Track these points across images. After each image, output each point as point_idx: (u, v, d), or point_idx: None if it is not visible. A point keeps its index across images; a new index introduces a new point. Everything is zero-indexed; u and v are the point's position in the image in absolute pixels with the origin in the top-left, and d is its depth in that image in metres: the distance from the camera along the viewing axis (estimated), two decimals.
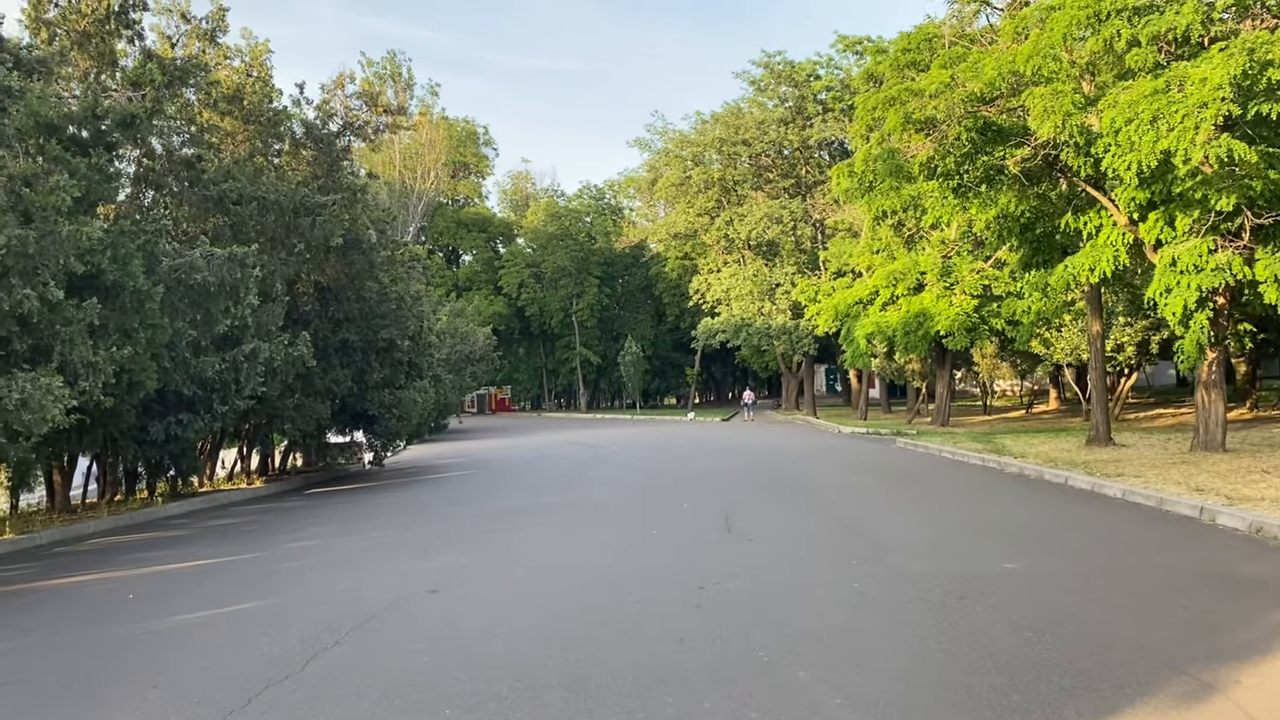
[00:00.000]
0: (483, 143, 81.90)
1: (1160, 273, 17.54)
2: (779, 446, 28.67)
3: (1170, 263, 17.45)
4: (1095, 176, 18.54)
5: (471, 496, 18.33)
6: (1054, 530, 11.78)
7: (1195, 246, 16.79)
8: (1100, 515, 12.67)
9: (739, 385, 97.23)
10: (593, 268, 74.14)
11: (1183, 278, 16.94)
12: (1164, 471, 16.13)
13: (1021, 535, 11.34)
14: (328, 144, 20.35)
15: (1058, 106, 14.61)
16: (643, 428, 47.25)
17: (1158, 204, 17.72)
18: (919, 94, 16.81)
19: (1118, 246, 18.66)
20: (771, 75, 54.51)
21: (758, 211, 52.27)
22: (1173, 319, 17.18)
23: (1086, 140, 17.53)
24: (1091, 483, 15.17)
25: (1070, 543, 10.85)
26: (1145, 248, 18.86)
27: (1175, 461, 17.65)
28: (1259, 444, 20.09)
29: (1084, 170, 17.75)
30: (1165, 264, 17.50)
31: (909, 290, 35.33)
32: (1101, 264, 18.54)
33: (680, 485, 18.19)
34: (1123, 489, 14.12)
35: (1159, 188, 17.50)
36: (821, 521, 12.89)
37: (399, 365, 22.66)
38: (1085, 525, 12.07)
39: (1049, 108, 14.68)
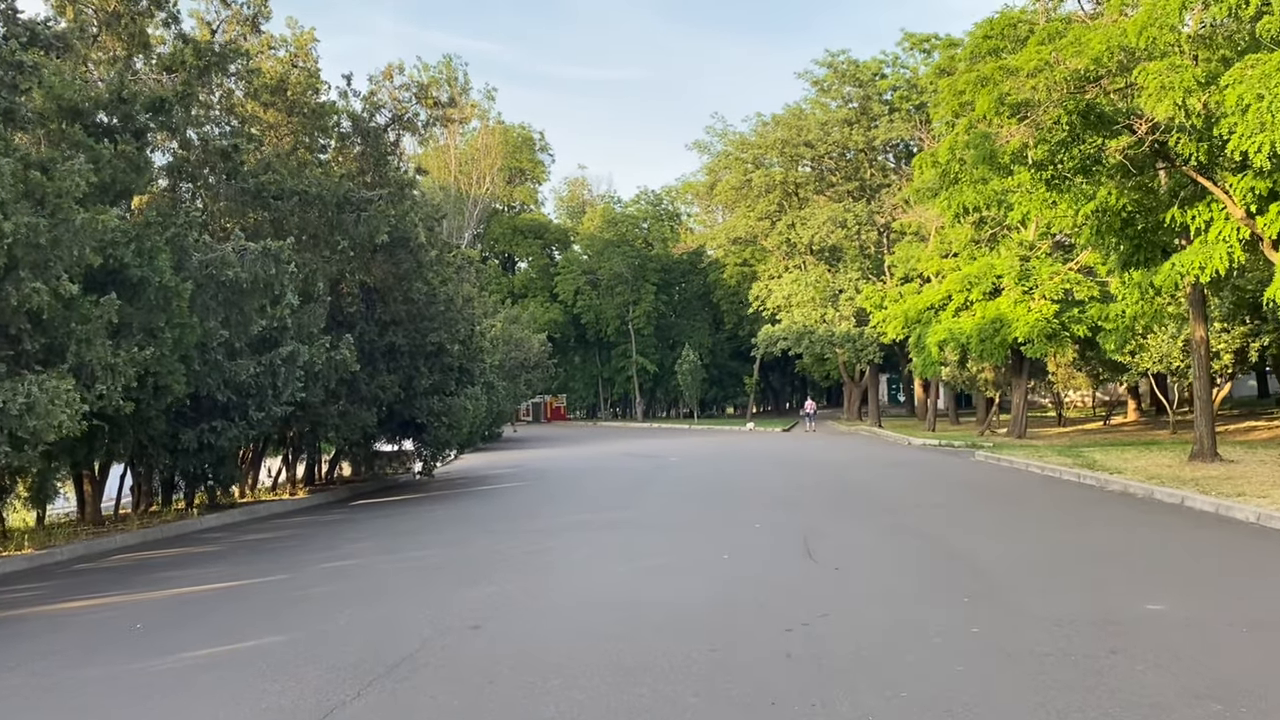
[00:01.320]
0: (539, 149, 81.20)
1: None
2: (848, 459, 27.10)
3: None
4: (1205, 165, 16.81)
5: (523, 511, 17.12)
6: (1188, 561, 10.19)
7: None
8: (1236, 542, 11.05)
9: (797, 395, 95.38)
10: (649, 274, 72.91)
11: None
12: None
13: (1153, 567, 9.77)
14: (375, 137, 19.36)
15: (1176, 83, 12.98)
16: (701, 438, 45.85)
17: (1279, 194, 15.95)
18: (1014, 73, 15.25)
19: (1231, 242, 16.89)
20: (835, 75, 52.88)
21: (821, 215, 50.62)
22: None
23: (1206, 122, 15.85)
24: (1214, 504, 13.46)
25: (1212, 576, 9.29)
26: (1263, 244, 17.07)
27: None
28: None
29: (1196, 157, 16.03)
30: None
31: (984, 295, 33.50)
32: (1214, 262, 16.77)
33: (748, 501, 16.79)
34: (1257, 512, 12.41)
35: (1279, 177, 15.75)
36: (912, 546, 11.42)
37: (449, 371, 21.57)
38: (1223, 555, 10.48)
39: (1166, 84, 13.06)
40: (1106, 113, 16.23)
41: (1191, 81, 13.08)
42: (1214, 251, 16.82)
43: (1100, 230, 17.85)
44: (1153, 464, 20.48)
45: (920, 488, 18.55)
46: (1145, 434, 35.35)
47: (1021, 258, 33.33)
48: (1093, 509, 14.42)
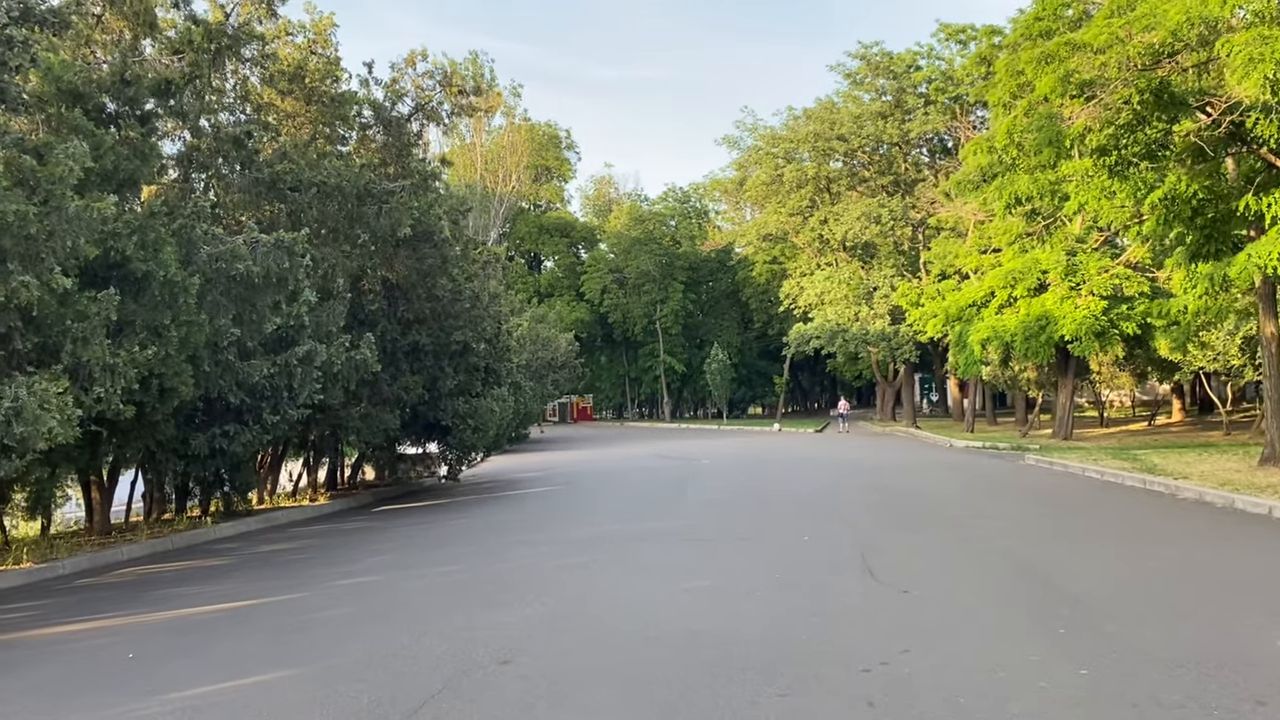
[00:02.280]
0: (565, 146, 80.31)
1: None
2: (889, 462, 25.97)
3: None
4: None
5: (554, 519, 16.18)
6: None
7: None
8: None
9: (827, 395, 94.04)
10: (677, 273, 71.88)
11: None
12: None
13: (1269, 591, 8.66)
14: (397, 127, 18.48)
15: (1267, 54, 11.82)
16: (731, 439, 44.79)
17: None
18: (1080, 49, 14.11)
19: None
20: (868, 67, 51.60)
21: (854, 210, 49.39)
22: None
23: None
24: None
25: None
26: None
27: None
28: None
29: (1277, 139, 14.83)
30: None
31: (1029, 291, 32.23)
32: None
33: (793, 509, 15.76)
34: None
35: None
36: (983, 564, 10.35)
37: (474, 371, 20.66)
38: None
39: (1254, 56, 11.90)
40: (1178, 93, 15.06)
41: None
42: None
43: (1168, 219, 16.66)
44: (1219, 469, 19.26)
45: (974, 494, 17.44)
46: (1196, 435, 33.95)
47: (1068, 252, 32.03)
48: (1172, 521, 13.28)
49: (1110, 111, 14.57)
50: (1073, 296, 31.02)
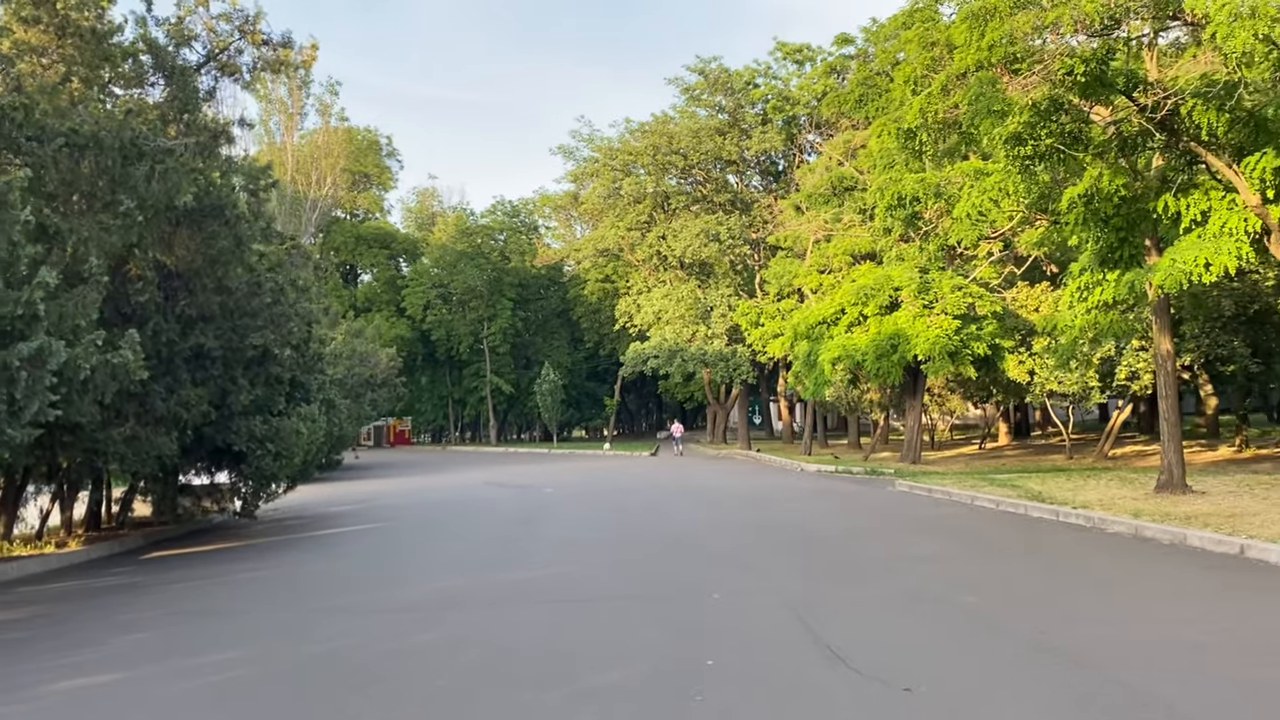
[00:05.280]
0: (386, 154, 75.69)
1: None
2: (752, 490, 23.67)
3: None
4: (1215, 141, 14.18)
5: (376, 573, 12.76)
6: None
7: None
8: None
9: (655, 416, 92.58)
10: (506, 289, 68.50)
11: None
12: None
13: None
14: (182, 77, 14.70)
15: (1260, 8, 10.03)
16: (566, 463, 41.76)
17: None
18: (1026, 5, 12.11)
19: (1239, 235, 14.30)
20: (706, 83, 50.10)
21: (693, 227, 47.59)
22: None
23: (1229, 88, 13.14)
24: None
25: None
26: (1272, 236, 14.57)
27: None
28: None
29: (1219, 129, 13.31)
30: None
31: (881, 309, 30.89)
32: (1221, 257, 14.14)
33: (676, 551, 12.98)
34: None
35: None
36: (974, 634, 7.83)
37: (277, 384, 16.88)
38: None
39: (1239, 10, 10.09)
40: (1110, 73, 13.33)
41: (1272, 10, 10.17)
42: (1221, 246, 14.18)
43: (1087, 219, 14.98)
44: (1113, 496, 17.82)
45: (877, 529, 15.18)
46: (1039, 459, 33.53)
47: (921, 269, 30.93)
48: (1139, 564, 11.25)
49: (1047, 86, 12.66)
50: (925, 315, 29.86)
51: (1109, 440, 32.22)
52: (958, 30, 13.02)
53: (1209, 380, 32.24)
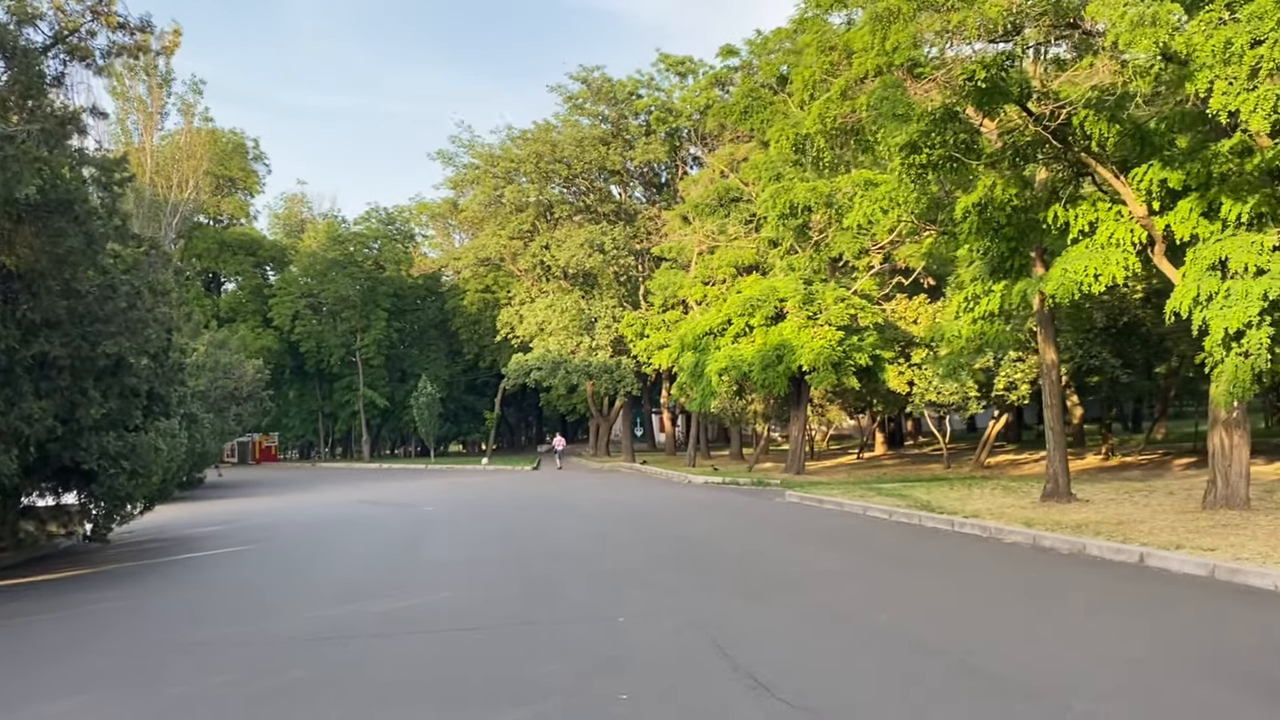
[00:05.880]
0: (253, 158, 72.44)
1: (1195, 277, 13.47)
2: (643, 503, 23.13)
3: (1213, 265, 13.41)
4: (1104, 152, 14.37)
5: (243, 602, 11.66)
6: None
7: (1255, 242, 12.77)
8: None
9: (535, 430, 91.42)
10: (380, 299, 66.40)
11: (1236, 283, 12.89)
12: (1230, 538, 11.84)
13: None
14: (25, 59, 13.29)
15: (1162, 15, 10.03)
16: (445, 479, 40.45)
17: (1192, 189, 13.70)
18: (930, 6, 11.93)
19: (1125, 245, 14.55)
20: (590, 92, 49.68)
21: (577, 237, 46.98)
22: (1216, 338, 13.06)
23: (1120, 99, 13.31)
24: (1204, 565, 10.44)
25: None
26: (1154, 250, 14.85)
27: (1220, 524, 13.47)
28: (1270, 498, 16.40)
29: (1110, 140, 13.45)
30: (1204, 267, 13.44)
31: (767, 320, 30.90)
32: (1110, 268, 14.37)
33: (573, 570, 12.29)
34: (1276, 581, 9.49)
35: (1195, 168, 13.49)
36: (897, 656, 7.41)
37: (133, 396, 15.44)
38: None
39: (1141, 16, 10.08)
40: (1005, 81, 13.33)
41: (1172, 18, 10.21)
42: (1110, 256, 14.38)
43: (980, 229, 15.00)
44: (1001, 505, 17.99)
45: (777, 543, 14.82)
46: (918, 468, 34.13)
47: (805, 281, 31.07)
48: (1039, 574, 11.14)
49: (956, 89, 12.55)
50: (810, 326, 30.00)
51: (984, 449, 33.01)
52: (859, 34, 12.83)
53: (1075, 390, 33.32)
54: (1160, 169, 13.60)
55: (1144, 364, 28.99)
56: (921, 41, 12.25)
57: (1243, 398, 13.38)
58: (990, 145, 14.90)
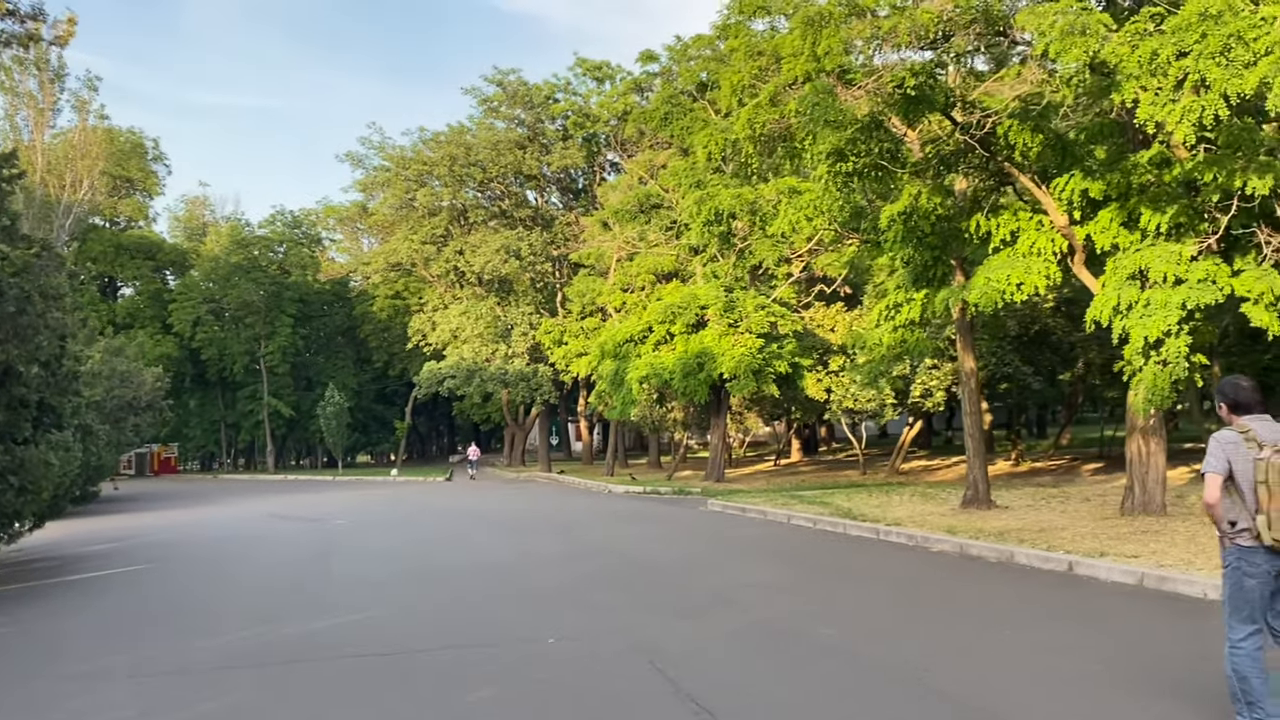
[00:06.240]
0: (152, 158, 69.72)
1: (1115, 286, 13.64)
2: (563, 513, 22.68)
3: (1133, 274, 13.60)
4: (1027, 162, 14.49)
5: (139, 626, 10.85)
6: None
7: (1173, 252, 12.97)
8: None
9: (447, 439, 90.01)
10: (286, 305, 64.48)
11: (1155, 293, 13.08)
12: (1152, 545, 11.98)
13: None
14: None
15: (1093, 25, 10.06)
16: (356, 491, 39.34)
17: (1112, 199, 13.89)
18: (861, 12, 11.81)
19: (1047, 255, 14.68)
20: (505, 95, 49.08)
21: (493, 242, 46.25)
22: (1136, 346, 13.24)
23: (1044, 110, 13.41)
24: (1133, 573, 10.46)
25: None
26: (1074, 259, 15.04)
27: (1140, 531, 13.65)
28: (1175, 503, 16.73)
29: (1033, 150, 13.55)
30: (1124, 276, 13.62)
31: (688, 328, 30.77)
32: (1032, 277, 14.47)
33: (497, 587, 11.80)
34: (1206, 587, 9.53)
35: (1115, 178, 13.68)
36: (842, 672, 7.15)
37: (22, 407, 14.37)
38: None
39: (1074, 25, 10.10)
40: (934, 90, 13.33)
41: (1103, 28, 10.25)
42: (1032, 265, 14.50)
43: (904, 237, 14.99)
44: (922, 513, 18.06)
45: (706, 555, 14.53)
46: (835, 474, 34.34)
47: (726, 288, 31.03)
48: (971, 584, 11.06)
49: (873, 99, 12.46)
50: (731, 334, 29.95)
51: (899, 456, 33.39)
52: (788, 39, 12.65)
53: (985, 398, 33.94)
54: (1081, 179, 13.76)
55: (1050, 371, 29.64)
56: (852, 48, 12.15)
57: (1161, 406, 13.58)
58: (913, 155, 14.91)
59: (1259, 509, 4.96)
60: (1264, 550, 5.02)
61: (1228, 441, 5.13)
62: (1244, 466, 5.03)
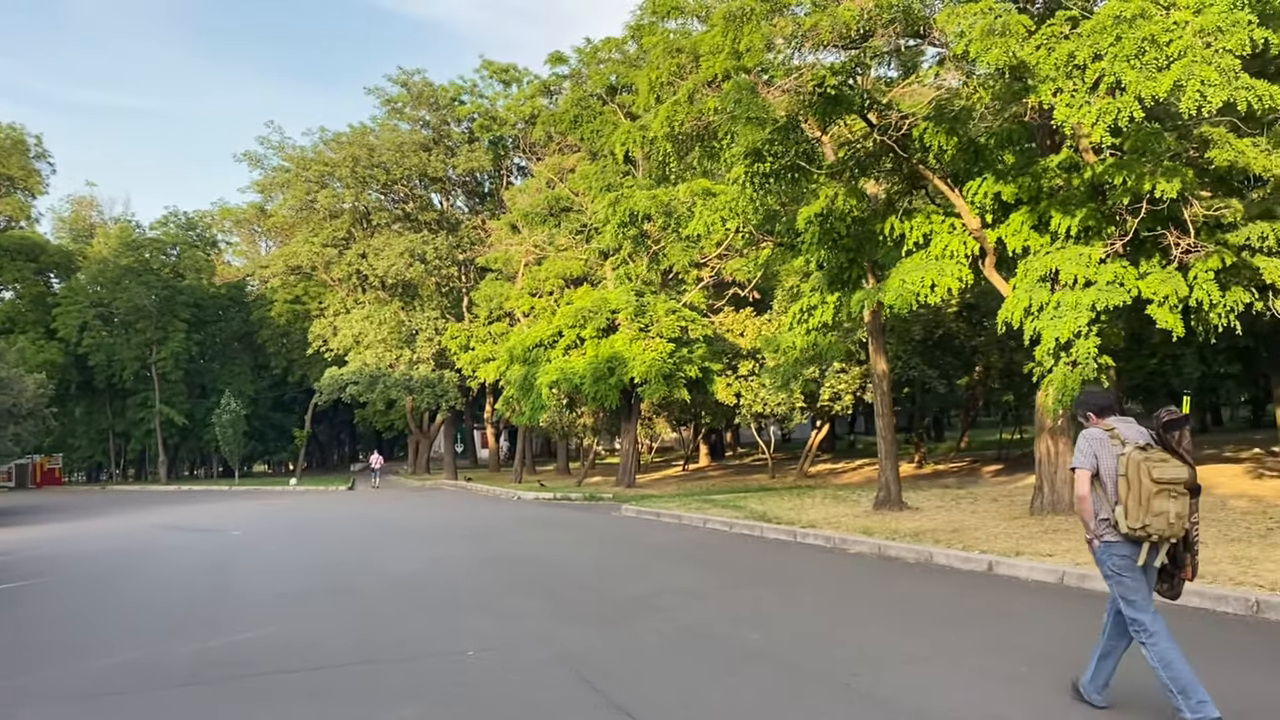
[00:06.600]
0: (34, 155, 66.32)
1: (1027, 288, 13.85)
2: (473, 521, 22.14)
3: (1044, 276, 13.82)
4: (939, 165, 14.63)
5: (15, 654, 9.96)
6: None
7: (1083, 254, 13.21)
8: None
9: (349, 448, 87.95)
10: (179, 309, 62.05)
11: (1065, 294, 13.31)
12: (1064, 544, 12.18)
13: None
14: None
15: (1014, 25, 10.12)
16: (254, 501, 37.90)
17: (1024, 202, 14.10)
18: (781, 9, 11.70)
19: (959, 257, 14.85)
20: (410, 95, 48.13)
21: (397, 246, 45.24)
22: (1046, 347, 13.45)
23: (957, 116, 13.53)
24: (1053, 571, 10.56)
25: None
26: (985, 262, 15.24)
27: (1051, 530, 13.88)
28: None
29: (948, 153, 13.66)
30: (1035, 278, 13.83)
31: (598, 332, 30.50)
32: (945, 279, 14.59)
33: (408, 599, 11.30)
34: None
35: (1026, 181, 13.90)
36: (772, 678, 6.93)
37: None
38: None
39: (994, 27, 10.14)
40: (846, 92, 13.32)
41: (1023, 29, 10.32)
42: (945, 269, 14.63)
43: (821, 239, 14.97)
44: (834, 514, 18.16)
45: (624, 561, 14.23)
46: (744, 478, 34.47)
47: (637, 292, 30.86)
48: (893, 585, 11.02)
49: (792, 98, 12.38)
50: (642, 338, 29.80)
51: (807, 459, 33.68)
52: (708, 36, 12.49)
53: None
54: (994, 182, 13.93)
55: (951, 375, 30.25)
56: (773, 45, 12.04)
57: (1070, 406, 13.80)
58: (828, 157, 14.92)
59: (1118, 500, 5.38)
60: (1123, 540, 5.44)
61: (1095, 439, 5.60)
62: (1109, 462, 5.48)
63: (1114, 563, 5.54)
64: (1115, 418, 5.68)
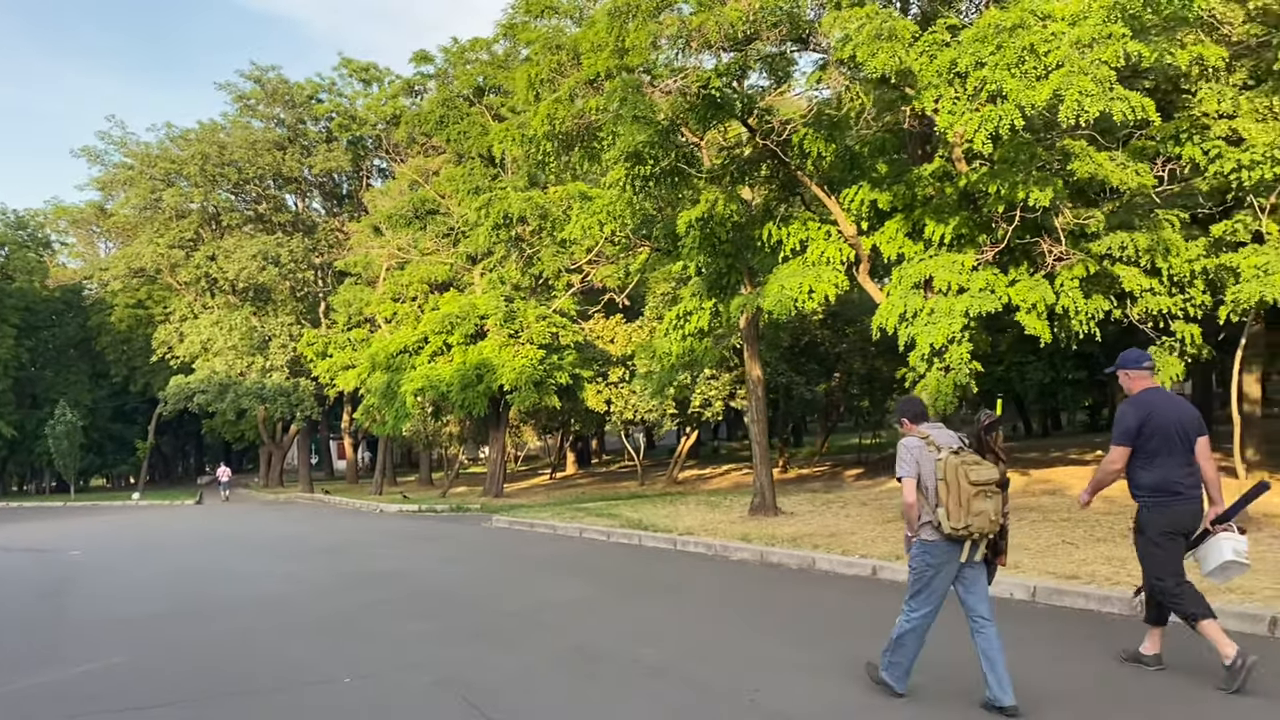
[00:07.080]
0: None
1: (901, 295, 14.03)
2: (333, 536, 21.10)
3: (918, 283, 14.03)
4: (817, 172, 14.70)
5: None
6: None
7: (956, 262, 13.47)
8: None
9: (195, 460, 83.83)
10: (8, 313, 57.48)
11: (939, 301, 13.54)
12: None
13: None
14: None
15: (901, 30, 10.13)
16: (93, 518, 35.37)
17: (898, 210, 14.30)
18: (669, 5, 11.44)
19: (835, 264, 14.95)
20: (264, 93, 46.12)
21: (249, 248, 43.18)
22: (921, 352, 13.65)
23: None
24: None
25: None
26: (859, 269, 15.40)
27: None
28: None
29: (827, 159, 13.71)
30: (909, 285, 14.03)
31: (466, 338, 29.75)
32: (823, 285, 14.65)
33: (275, 625, 10.50)
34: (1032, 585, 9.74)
35: (901, 189, 14.11)
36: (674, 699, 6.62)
37: None
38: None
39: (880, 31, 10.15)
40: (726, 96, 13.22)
41: (908, 35, 10.37)
42: (823, 275, 14.70)
43: (701, 244, 14.83)
44: (711, 520, 18.02)
45: (501, 575, 13.70)
46: (615, 485, 34.28)
47: (506, 298, 30.24)
48: (782, 593, 10.88)
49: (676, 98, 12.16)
50: (511, 344, 29.22)
51: (677, 465, 33.71)
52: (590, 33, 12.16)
53: None
54: (869, 190, 14.07)
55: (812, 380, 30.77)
56: (658, 44, 11.82)
57: (944, 411, 14.04)
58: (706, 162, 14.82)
59: (939, 503, 5.62)
60: (944, 541, 5.69)
61: (914, 447, 5.84)
62: (929, 467, 5.72)
63: (925, 559, 5.83)
64: (928, 424, 6.01)
